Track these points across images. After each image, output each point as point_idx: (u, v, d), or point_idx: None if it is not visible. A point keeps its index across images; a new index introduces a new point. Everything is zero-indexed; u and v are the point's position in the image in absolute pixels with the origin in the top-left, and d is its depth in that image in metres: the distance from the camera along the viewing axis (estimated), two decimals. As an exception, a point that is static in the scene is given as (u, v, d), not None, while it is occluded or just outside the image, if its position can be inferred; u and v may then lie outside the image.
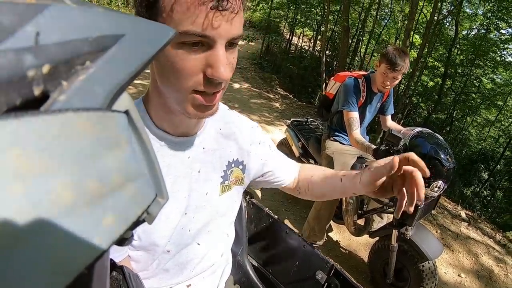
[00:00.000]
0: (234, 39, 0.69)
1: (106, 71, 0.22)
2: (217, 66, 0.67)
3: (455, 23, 13.86)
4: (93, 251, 0.21)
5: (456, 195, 10.05)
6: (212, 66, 0.67)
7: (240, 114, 1.10)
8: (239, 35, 0.70)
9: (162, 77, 0.72)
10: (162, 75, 0.72)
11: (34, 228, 0.17)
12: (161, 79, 0.73)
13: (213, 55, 0.67)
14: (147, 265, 0.91)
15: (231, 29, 0.67)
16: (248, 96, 9.16)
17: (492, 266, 3.68)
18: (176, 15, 0.63)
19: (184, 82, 0.69)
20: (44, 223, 0.18)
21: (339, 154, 2.78)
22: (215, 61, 0.67)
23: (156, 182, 0.29)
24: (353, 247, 3.35)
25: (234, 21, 0.67)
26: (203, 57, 0.68)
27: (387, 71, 2.40)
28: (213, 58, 0.67)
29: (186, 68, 0.67)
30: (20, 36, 0.18)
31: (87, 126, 0.20)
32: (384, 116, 2.94)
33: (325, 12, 12.29)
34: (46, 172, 0.18)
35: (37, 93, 0.19)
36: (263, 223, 1.43)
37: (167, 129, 0.84)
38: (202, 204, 0.94)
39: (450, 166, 2.01)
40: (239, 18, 0.68)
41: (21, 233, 0.17)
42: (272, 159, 1.13)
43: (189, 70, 0.68)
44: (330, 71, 13.88)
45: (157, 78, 0.75)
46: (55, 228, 0.18)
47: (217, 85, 0.71)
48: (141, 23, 0.26)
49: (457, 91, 15.63)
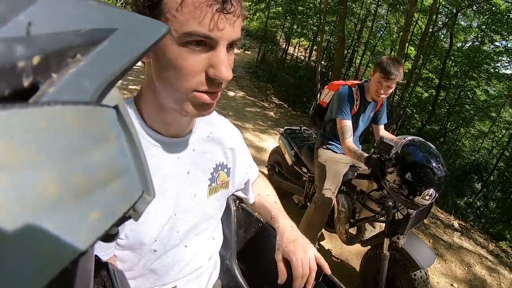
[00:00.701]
0: (234, 41, 0.73)
1: (97, 65, 0.22)
2: (219, 66, 0.70)
3: (450, 35, 14.01)
4: (78, 246, 0.20)
5: (449, 206, 10.07)
6: (215, 66, 0.70)
7: (227, 120, 1.13)
8: (239, 38, 0.73)
9: (161, 76, 0.74)
10: (161, 74, 0.73)
11: (18, 221, 0.17)
12: (160, 78, 0.74)
13: (215, 56, 0.70)
14: (133, 265, 0.91)
15: (233, 32, 0.70)
16: (242, 104, 9.17)
17: (485, 275, 3.68)
18: (182, 15, 0.65)
19: (185, 81, 0.71)
20: (29, 216, 0.18)
21: (332, 162, 2.79)
22: (218, 61, 0.70)
23: (143, 179, 0.29)
24: (345, 256, 3.34)
25: (235, 24, 0.70)
26: (205, 58, 0.70)
27: (381, 80, 2.42)
28: (215, 58, 0.70)
29: (188, 68, 0.70)
30: (12, 26, 0.18)
31: (75, 120, 0.20)
32: (377, 125, 2.95)
33: (321, 23, 12.35)
34: (33, 165, 0.18)
35: (26, 84, 0.19)
36: (253, 228, 1.43)
37: (158, 129, 0.85)
38: (191, 205, 0.95)
39: (441, 175, 2.02)
40: (240, 22, 0.72)
41: (5, 225, 0.17)
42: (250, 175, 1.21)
43: (191, 70, 0.70)
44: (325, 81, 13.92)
45: (155, 77, 0.75)
46: (40, 221, 0.18)
47: (219, 84, 0.74)
48: (134, 18, 0.26)
49: (451, 103, 15.74)
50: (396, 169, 2.08)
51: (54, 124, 0.19)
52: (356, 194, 2.76)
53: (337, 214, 2.80)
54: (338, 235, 2.89)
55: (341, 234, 2.83)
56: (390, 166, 2.10)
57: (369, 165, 2.25)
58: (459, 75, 14.93)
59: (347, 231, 2.80)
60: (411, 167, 2.04)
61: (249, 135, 6.45)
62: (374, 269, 2.64)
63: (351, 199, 2.79)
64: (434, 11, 11.08)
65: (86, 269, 0.31)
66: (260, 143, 6.17)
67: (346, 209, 2.75)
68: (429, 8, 11.79)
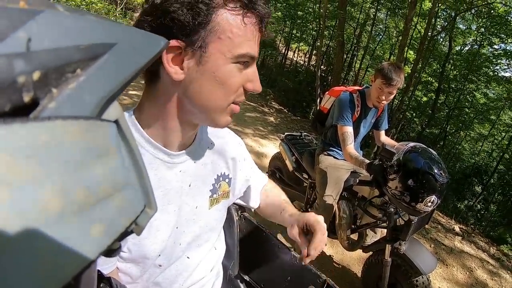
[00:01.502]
0: None
1: (97, 79, 0.22)
2: (256, 80, 0.80)
3: (449, 39, 14.06)
4: (80, 261, 0.20)
5: (450, 209, 10.06)
6: (252, 81, 0.79)
7: (229, 129, 1.12)
8: None
9: (200, 94, 0.76)
10: (201, 92, 0.76)
11: (20, 236, 0.17)
12: (198, 96, 0.77)
13: (252, 72, 0.79)
14: (136, 278, 0.90)
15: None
16: (242, 109, 9.15)
17: (487, 280, 3.67)
18: (238, 38, 0.72)
19: (230, 95, 0.78)
20: (31, 231, 0.17)
21: (333, 168, 2.78)
22: (255, 77, 0.80)
23: (145, 193, 0.28)
24: (347, 262, 3.33)
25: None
26: (245, 74, 0.78)
27: (383, 86, 2.41)
28: (253, 74, 0.79)
29: (235, 84, 0.76)
30: (12, 42, 0.18)
31: (76, 134, 0.20)
32: (378, 131, 2.94)
33: (320, 27, 12.40)
34: (34, 180, 0.18)
35: (27, 99, 0.19)
36: (255, 238, 1.42)
37: (160, 143, 0.84)
38: (192, 217, 0.94)
39: (443, 181, 2.01)
40: None
41: (7, 240, 0.16)
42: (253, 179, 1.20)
43: (236, 85, 0.77)
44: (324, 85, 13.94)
45: (188, 96, 0.77)
46: (42, 236, 0.18)
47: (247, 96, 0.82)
48: (133, 33, 0.26)
49: (451, 106, 15.77)
50: (398, 175, 2.07)
51: (55, 139, 0.19)
52: (358, 200, 2.75)
53: (339, 220, 2.79)
54: (339, 241, 2.87)
55: (342, 240, 2.81)
56: (392, 173, 2.09)
57: (370, 171, 2.24)
58: (458, 78, 14.96)
59: (349, 237, 2.79)
60: (413, 174, 2.03)
61: (249, 140, 6.45)
62: (375, 275, 2.63)
63: (352, 205, 2.78)
64: (433, 15, 11.13)
65: (89, 284, 0.31)
66: (261, 148, 6.17)
67: (348, 215, 2.73)
68: (428, 12, 11.84)
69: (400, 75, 2.37)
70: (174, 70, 0.71)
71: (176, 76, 0.72)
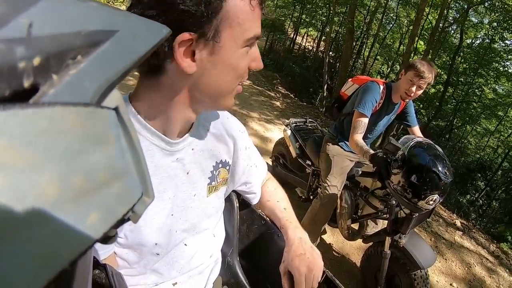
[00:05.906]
0: None
1: (98, 66, 0.22)
2: (259, 59, 0.80)
3: (460, 31, 13.89)
4: (76, 247, 0.20)
5: (452, 204, 10.06)
6: (256, 60, 0.79)
7: (231, 115, 1.10)
8: None
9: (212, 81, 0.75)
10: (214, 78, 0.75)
11: (17, 221, 0.17)
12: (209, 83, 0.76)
13: (255, 51, 0.79)
14: (134, 263, 0.90)
15: None
16: (249, 93, 9.14)
17: (485, 276, 3.68)
18: (247, 22, 0.71)
19: (238, 78, 0.78)
20: (28, 217, 0.17)
21: (339, 158, 2.77)
22: (257, 55, 0.80)
23: (143, 181, 0.28)
24: (346, 251, 3.35)
25: None
26: (250, 54, 0.77)
27: (414, 78, 2.38)
28: (255, 53, 0.79)
29: (244, 67, 0.77)
30: (13, 27, 0.18)
31: (75, 121, 0.20)
32: (411, 128, 2.88)
33: (330, 13, 12.28)
34: (32, 166, 0.18)
35: (27, 85, 0.19)
36: (255, 225, 1.43)
37: (158, 129, 0.82)
38: (190, 205, 0.94)
39: (447, 180, 1.99)
40: None
41: (4, 225, 0.16)
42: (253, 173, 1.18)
43: (244, 67, 0.77)
44: (332, 72, 13.85)
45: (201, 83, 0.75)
46: (39, 222, 0.18)
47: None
48: (135, 20, 0.25)
49: (459, 99, 15.66)
50: (402, 170, 2.05)
51: (54, 125, 0.19)
52: (360, 190, 2.76)
53: (340, 209, 2.80)
54: (340, 230, 2.89)
55: (343, 229, 2.83)
56: (396, 167, 2.07)
57: (374, 163, 2.22)
58: (467, 72, 14.82)
59: (349, 227, 2.80)
60: (417, 170, 2.01)
61: (254, 125, 6.44)
62: (374, 267, 2.64)
63: (354, 195, 2.78)
64: (445, 6, 10.97)
65: (84, 270, 0.31)
66: (265, 133, 6.17)
67: (349, 205, 2.74)
68: (440, 3, 11.67)
69: (432, 72, 2.36)
70: (187, 64, 0.69)
71: (190, 69, 0.69)
